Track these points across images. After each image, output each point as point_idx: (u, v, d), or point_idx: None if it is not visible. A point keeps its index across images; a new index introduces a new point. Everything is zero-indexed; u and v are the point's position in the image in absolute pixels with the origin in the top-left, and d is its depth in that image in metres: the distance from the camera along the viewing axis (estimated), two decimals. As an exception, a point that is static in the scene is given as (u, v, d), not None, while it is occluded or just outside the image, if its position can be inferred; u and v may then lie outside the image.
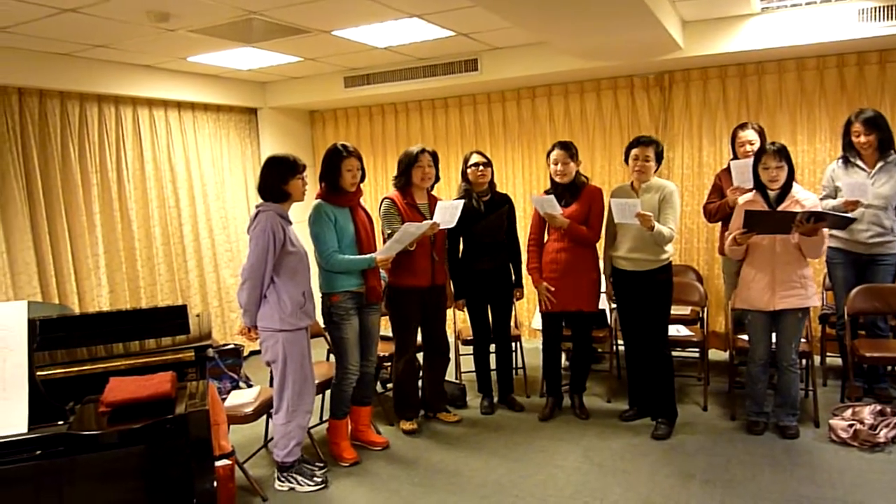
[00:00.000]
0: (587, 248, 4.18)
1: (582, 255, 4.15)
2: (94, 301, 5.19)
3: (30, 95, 4.86)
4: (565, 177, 4.12)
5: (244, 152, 6.61)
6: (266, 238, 3.31)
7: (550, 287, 4.16)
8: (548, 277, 4.20)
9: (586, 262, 4.17)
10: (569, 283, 4.15)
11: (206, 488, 1.66)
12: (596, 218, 4.15)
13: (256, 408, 3.59)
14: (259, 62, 5.50)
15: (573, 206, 4.13)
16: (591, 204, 4.14)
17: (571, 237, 4.11)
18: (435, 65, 5.71)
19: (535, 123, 6.18)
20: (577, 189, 4.16)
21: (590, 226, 4.12)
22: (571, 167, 4.13)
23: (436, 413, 4.46)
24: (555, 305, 4.19)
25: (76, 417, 1.74)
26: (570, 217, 4.09)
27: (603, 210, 4.19)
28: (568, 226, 4.07)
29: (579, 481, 3.47)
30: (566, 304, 4.19)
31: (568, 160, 4.10)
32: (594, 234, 4.15)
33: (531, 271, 4.28)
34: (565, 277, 4.15)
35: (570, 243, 4.14)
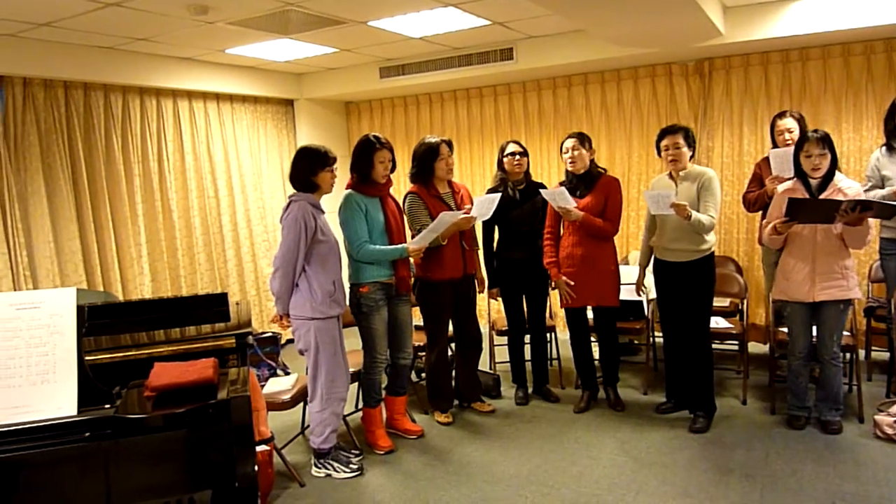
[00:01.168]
0: (605, 241, 4.12)
1: (599, 248, 4.10)
2: (137, 289, 5.32)
3: (75, 88, 4.98)
4: (576, 165, 4.07)
5: (281, 143, 6.69)
6: (297, 227, 3.35)
7: (570, 282, 4.12)
8: (565, 272, 4.15)
9: (604, 255, 4.12)
10: (587, 277, 4.11)
11: (247, 472, 1.70)
12: (613, 210, 4.08)
13: (294, 395, 3.65)
14: (296, 53, 5.54)
15: (588, 198, 4.07)
16: (608, 195, 4.07)
17: (587, 230, 4.06)
18: (470, 54, 5.69)
19: (571, 113, 6.12)
20: (592, 180, 4.10)
21: (606, 218, 4.06)
22: (584, 155, 4.07)
23: (470, 403, 4.47)
24: (575, 300, 4.15)
25: (122, 401, 1.79)
26: (584, 209, 4.03)
27: (620, 201, 4.13)
28: (582, 218, 4.02)
29: (615, 474, 3.45)
30: (586, 299, 4.16)
31: (580, 147, 4.05)
32: (612, 226, 4.08)
33: (548, 266, 4.23)
34: (583, 272, 4.11)
35: (586, 237, 4.08)
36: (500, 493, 3.32)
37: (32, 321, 1.74)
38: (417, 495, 3.35)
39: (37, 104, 4.74)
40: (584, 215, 4.00)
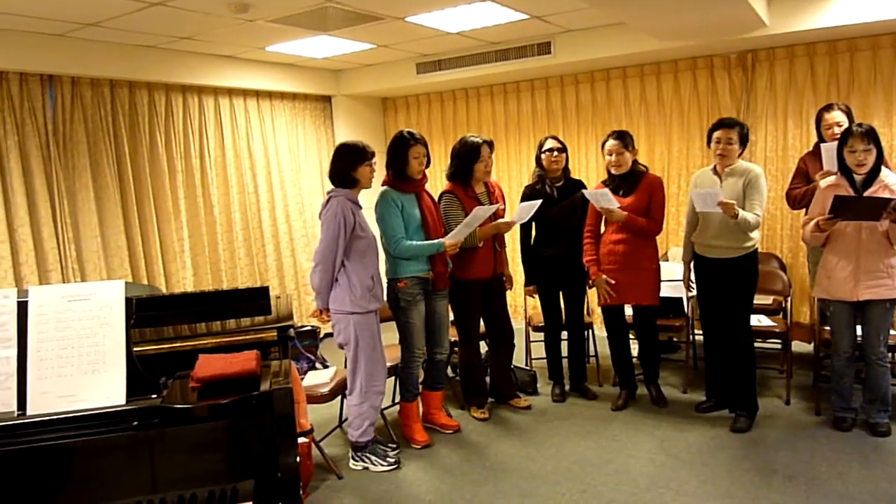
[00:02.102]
0: (647, 240, 4.07)
1: (641, 246, 4.05)
2: (180, 283, 5.43)
3: (120, 87, 5.10)
4: (621, 167, 4.02)
5: (319, 139, 6.76)
6: (336, 222, 3.38)
7: (610, 280, 4.08)
8: (605, 270, 4.10)
9: (646, 254, 4.06)
10: (628, 276, 4.05)
11: (289, 462, 1.72)
12: (657, 209, 4.02)
13: (332, 388, 3.69)
14: (333, 50, 5.59)
15: (631, 198, 4.02)
16: (651, 194, 4.01)
17: (630, 230, 4.01)
18: (507, 49, 5.66)
19: (610, 107, 6.05)
20: (634, 179, 4.05)
21: (650, 217, 4.01)
22: (627, 157, 4.02)
23: (506, 399, 4.46)
24: (614, 299, 4.10)
25: (169, 391, 1.83)
26: (627, 209, 3.98)
27: (664, 200, 4.08)
28: (626, 218, 3.96)
29: (654, 472, 3.41)
30: (625, 298, 4.11)
31: (623, 150, 4.00)
32: (655, 225, 4.03)
33: (588, 264, 4.18)
34: (624, 270, 4.06)
35: (629, 235, 4.03)
36: (537, 490, 3.31)
37: (83, 312, 1.79)
38: (453, 489, 3.36)
39: (84, 103, 4.88)
40: (627, 215, 3.95)
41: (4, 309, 1.78)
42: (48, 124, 4.67)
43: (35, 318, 1.77)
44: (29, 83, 4.56)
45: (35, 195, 4.60)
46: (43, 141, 4.64)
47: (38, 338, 1.76)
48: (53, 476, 1.68)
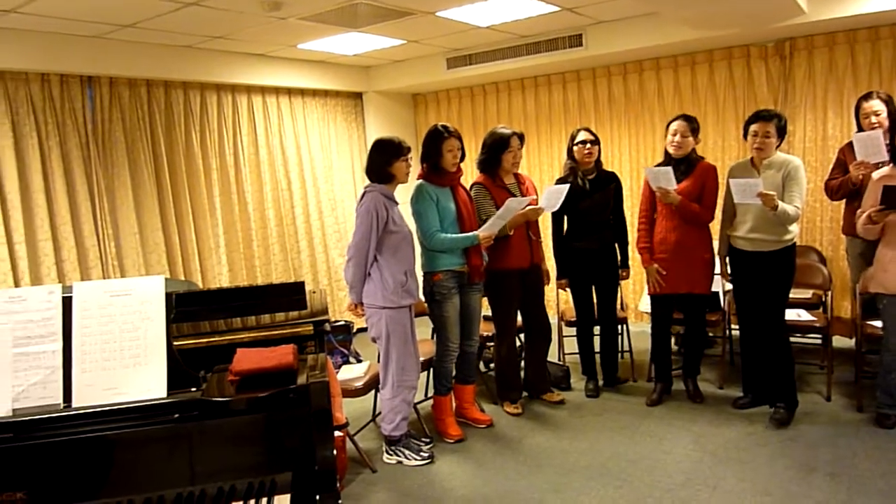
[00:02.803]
0: (699, 228, 4.00)
1: (694, 234, 3.98)
2: (215, 279, 5.52)
3: (156, 87, 5.20)
4: (681, 150, 3.95)
5: (351, 136, 6.80)
6: (370, 217, 3.41)
7: (662, 270, 4.02)
8: (657, 258, 4.06)
9: (699, 241, 3.99)
10: (680, 263, 3.99)
11: (326, 455, 1.73)
12: (709, 196, 3.95)
13: (366, 382, 3.71)
14: (364, 47, 5.61)
15: (685, 182, 3.96)
16: (705, 181, 3.95)
17: (682, 215, 3.95)
18: (538, 42, 5.62)
19: (643, 99, 5.97)
20: (690, 165, 3.98)
21: (703, 204, 3.94)
22: (690, 141, 3.95)
23: (539, 394, 4.44)
24: (664, 287, 4.05)
25: (208, 385, 1.85)
26: (681, 193, 3.92)
27: (717, 188, 4.00)
28: (679, 202, 3.91)
29: (690, 469, 3.36)
30: (676, 286, 4.04)
31: (688, 133, 3.93)
32: (707, 212, 3.96)
33: (641, 251, 4.14)
34: (676, 258, 4.00)
35: (682, 222, 3.97)
36: (572, 484, 3.29)
37: (125, 307, 1.83)
38: (487, 484, 3.36)
39: (122, 102, 4.98)
40: (681, 199, 3.90)
41: (50, 304, 1.82)
42: (88, 124, 4.78)
43: (79, 312, 1.81)
44: (69, 84, 4.68)
45: (76, 194, 4.72)
46: (83, 141, 4.75)
47: (82, 332, 1.81)
48: (96, 467, 1.73)
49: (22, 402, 1.75)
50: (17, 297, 1.83)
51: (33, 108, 4.51)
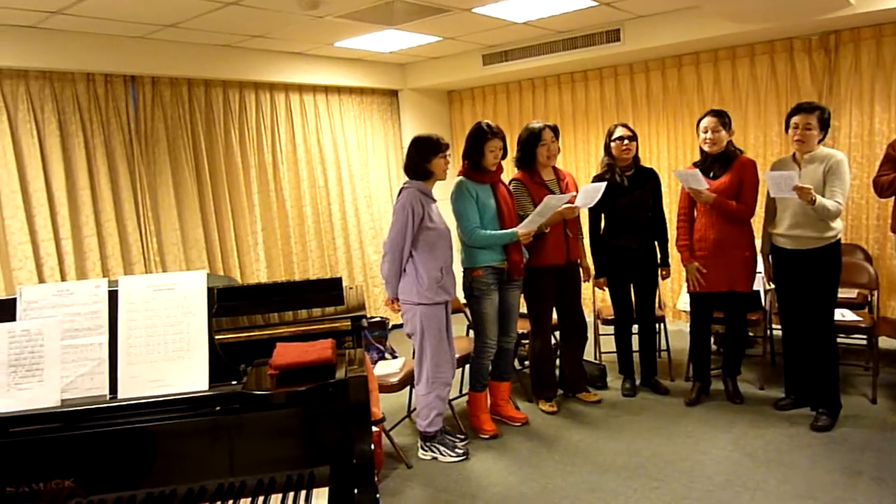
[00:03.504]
0: (740, 225, 3.92)
1: (734, 231, 3.90)
2: (254, 275, 5.61)
3: (197, 86, 5.29)
4: (715, 146, 3.88)
5: (386, 133, 6.83)
6: (405, 214, 3.43)
7: (702, 269, 3.96)
8: (697, 256, 3.99)
9: (739, 239, 3.91)
10: (720, 261, 3.92)
11: (364, 449, 1.75)
12: (749, 192, 3.87)
13: (401, 378, 3.73)
14: (400, 44, 5.63)
15: (722, 179, 3.88)
16: (743, 176, 3.86)
17: (720, 213, 3.88)
18: (575, 37, 5.57)
19: (682, 94, 5.88)
20: (727, 160, 3.91)
21: (741, 200, 3.86)
22: (723, 136, 3.88)
23: (575, 393, 4.41)
24: (704, 286, 3.98)
25: (248, 378, 1.88)
26: (718, 190, 3.85)
27: (757, 183, 3.91)
28: (715, 200, 3.84)
29: (729, 470, 3.31)
30: (717, 285, 3.97)
31: (720, 128, 3.86)
32: (746, 209, 3.88)
33: (681, 249, 4.08)
34: (716, 256, 3.93)
35: (721, 219, 3.90)
36: (608, 484, 3.26)
37: (168, 302, 1.87)
38: (522, 482, 3.35)
39: (164, 101, 5.08)
40: (715, 197, 3.83)
41: (97, 298, 1.87)
42: (131, 123, 4.89)
43: (124, 306, 1.86)
44: (113, 84, 4.79)
45: (120, 191, 4.83)
46: (126, 139, 4.87)
47: (127, 325, 1.85)
48: (140, 457, 1.77)
49: (70, 392, 1.81)
50: (65, 290, 1.88)
51: (79, 107, 4.63)
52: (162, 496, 1.75)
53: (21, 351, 1.80)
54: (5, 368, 1.78)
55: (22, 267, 4.33)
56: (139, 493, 1.74)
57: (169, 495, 1.75)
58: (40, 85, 4.46)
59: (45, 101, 4.47)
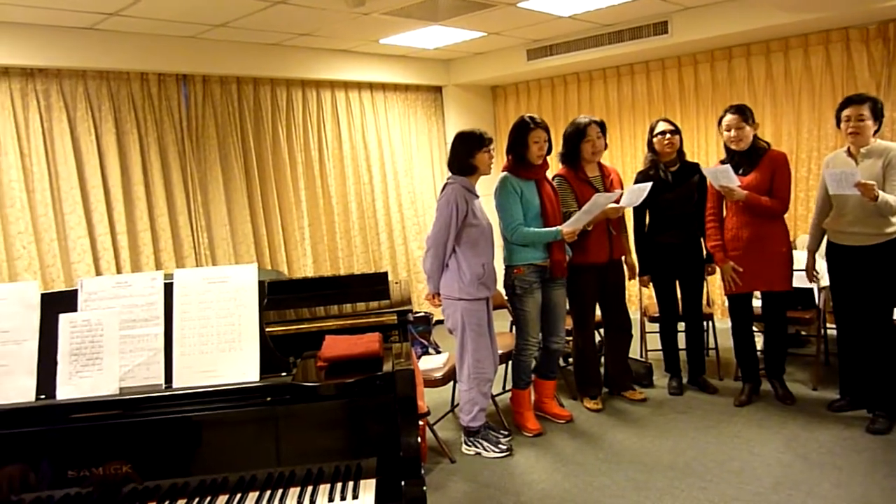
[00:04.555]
0: (774, 221, 3.81)
1: (768, 228, 3.80)
2: (300, 269, 5.71)
3: (246, 84, 5.40)
4: (740, 143, 3.78)
5: (430, 129, 6.85)
6: (449, 209, 3.43)
7: (738, 268, 3.86)
8: (731, 256, 3.90)
9: (774, 235, 3.81)
10: (754, 260, 3.82)
11: (411, 442, 1.76)
12: (781, 186, 3.76)
13: (445, 373, 3.75)
14: (445, 40, 5.64)
15: (752, 175, 3.78)
16: (775, 171, 3.75)
17: (752, 210, 3.78)
18: (621, 30, 5.49)
19: (732, 87, 5.74)
20: (756, 155, 3.80)
21: (774, 195, 3.75)
22: (747, 132, 3.77)
23: (620, 391, 4.36)
24: (740, 286, 3.88)
25: (298, 370, 1.92)
26: (748, 187, 3.75)
27: (789, 176, 3.81)
28: (746, 198, 3.74)
29: (781, 473, 3.22)
30: (753, 284, 3.87)
31: (742, 124, 3.75)
32: (780, 204, 3.76)
33: (713, 250, 3.99)
34: (750, 255, 3.83)
35: (753, 217, 3.80)
36: (654, 483, 3.22)
37: (221, 294, 1.92)
38: (567, 479, 3.33)
39: (214, 99, 5.20)
40: (747, 195, 3.74)
41: (153, 290, 1.93)
42: (183, 121, 5.02)
43: (179, 298, 1.92)
44: (166, 83, 4.92)
45: (172, 187, 4.97)
46: (178, 136, 5.00)
47: (181, 317, 1.91)
48: (193, 445, 1.82)
49: (128, 381, 1.87)
50: (123, 282, 1.95)
51: (134, 105, 4.77)
52: (213, 483, 1.80)
53: (82, 340, 1.87)
54: (67, 357, 1.85)
55: (80, 261, 4.49)
56: (191, 479, 1.80)
57: (220, 483, 1.80)
58: (97, 84, 4.61)
59: (102, 101, 4.63)
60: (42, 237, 4.39)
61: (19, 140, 4.30)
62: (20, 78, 4.30)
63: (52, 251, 4.41)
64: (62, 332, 1.86)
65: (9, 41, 4.08)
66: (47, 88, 4.41)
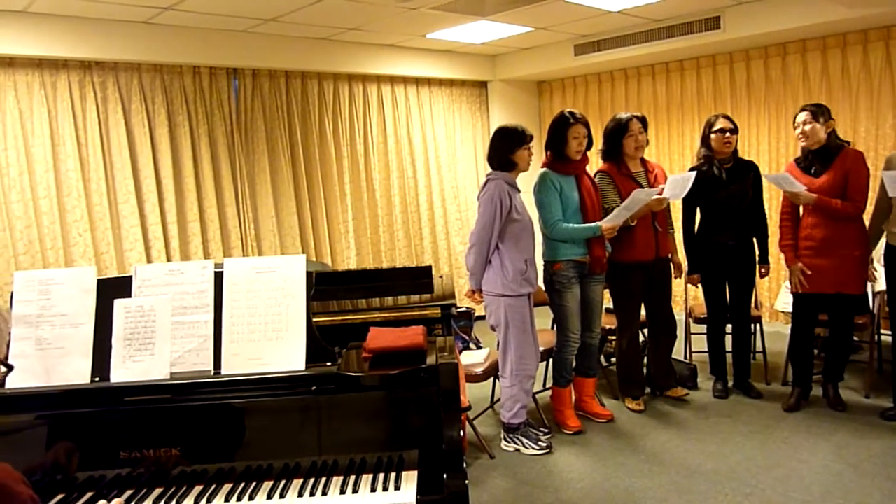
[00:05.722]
0: (850, 223, 3.68)
1: (844, 229, 3.66)
2: (344, 262, 5.78)
3: (294, 78, 5.47)
4: (812, 141, 3.66)
5: (475, 125, 6.84)
6: (493, 205, 3.42)
7: (807, 270, 3.75)
8: (803, 256, 3.78)
9: (850, 237, 3.66)
10: (827, 262, 3.69)
11: (453, 436, 1.77)
12: (856, 186, 3.60)
13: (486, 369, 3.74)
14: (492, 35, 5.61)
15: (824, 177, 3.65)
16: (849, 171, 3.61)
17: (823, 213, 3.66)
18: (672, 25, 5.38)
19: (786, 84, 5.58)
20: (830, 155, 3.67)
21: (849, 196, 3.61)
22: (819, 129, 3.63)
23: (663, 391, 4.29)
24: (810, 287, 3.76)
25: (343, 360, 1.94)
26: (821, 188, 3.63)
27: (866, 175, 3.64)
28: (816, 200, 3.62)
29: (830, 481, 3.13)
30: (823, 286, 3.74)
31: (813, 121, 3.63)
32: (853, 206, 3.62)
33: (784, 249, 3.87)
34: (823, 256, 3.70)
35: (828, 217, 3.67)
36: (697, 487, 3.16)
37: (269, 284, 1.95)
38: (607, 479, 3.30)
39: (263, 93, 5.28)
40: (816, 197, 3.62)
41: (203, 278, 1.98)
42: (232, 114, 5.12)
43: (229, 287, 1.96)
44: (217, 77, 5.02)
45: (221, 178, 5.07)
46: (228, 129, 5.10)
47: (231, 305, 1.95)
48: (239, 431, 1.86)
49: (178, 366, 1.92)
50: (175, 270, 2.00)
51: (186, 98, 4.88)
52: (259, 469, 1.83)
53: (136, 325, 1.92)
54: (121, 341, 1.91)
55: (132, 249, 4.62)
56: (237, 465, 1.84)
57: (265, 470, 1.84)
58: (151, 77, 4.73)
59: (156, 93, 4.75)
60: (97, 225, 4.53)
61: (77, 131, 4.44)
62: (78, 70, 4.44)
63: (107, 239, 4.55)
64: (117, 317, 1.92)
65: (68, 35, 4.21)
66: (104, 81, 4.55)
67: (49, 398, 1.86)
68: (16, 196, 4.23)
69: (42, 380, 1.89)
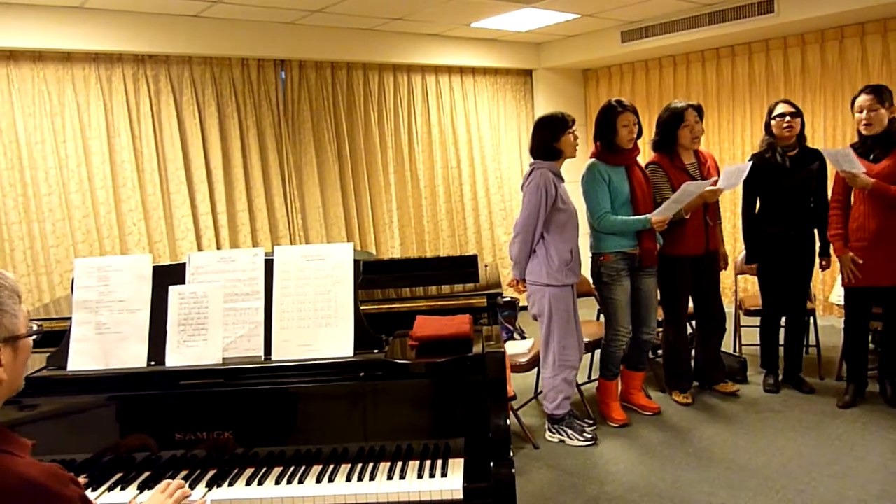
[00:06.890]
0: None
1: None
2: (388, 252, 5.82)
3: (340, 69, 5.51)
4: (873, 126, 3.51)
5: (519, 114, 6.79)
6: (539, 194, 3.39)
7: (857, 259, 3.62)
8: (854, 247, 3.65)
9: None
10: (881, 253, 3.56)
11: (500, 424, 1.77)
12: None
13: (530, 359, 3.73)
14: (537, 22, 5.55)
15: (885, 162, 3.50)
16: None
17: (882, 200, 3.52)
18: (723, 9, 5.23)
19: (843, 69, 5.37)
20: (890, 141, 3.52)
21: None
22: (882, 114, 3.48)
23: (711, 385, 4.21)
24: (863, 279, 3.64)
25: (390, 348, 1.96)
26: (880, 175, 3.48)
27: None
28: (873, 186, 3.48)
29: (887, 480, 3.03)
30: (877, 279, 3.61)
31: (877, 106, 3.47)
32: None
33: (833, 239, 3.74)
34: (877, 247, 3.57)
35: (883, 206, 3.53)
36: (747, 483, 3.10)
37: (318, 271, 1.98)
38: (653, 472, 3.26)
39: (309, 84, 5.34)
40: (874, 182, 3.48)
41: (254, 265, 2.02)
42: (279, 105, 5.19)
43: (279, 274, 1.99)
44: (265, 68, 5.10)
45: (269, 169, 5.16)
46: (275, 120, 5.17)
47: (281, 292, 1.98)
48: (288, 416, 1.89)
49: (230, 352, 1.96)
50: (227, 257, 2.04)
51: (235, 90, 4.97)
52: (308, 454, 1.87)
53: (189, 311, 1.97)
54: (176, 327, 1.96)
55: (184, 238, 4.74)
56: (287, 449, 1.87)
57: (315, 454, 1.87)
58: (202, 70, 4.83)
59: (206, 85, 4.84)
60: (150, 215, 4.66)
61: (131, 123, 4.57)
62: (132, 64, 4.56)
63: (160, 228, 4.68)
64: (171, 303, 1.97)
65: (122, 29, 4.33)
66: (156, 74, 4.66)
67: (108, 381, 1.92)
68: (74, 186, 4.37)
69: (101, 363, 1.96)
